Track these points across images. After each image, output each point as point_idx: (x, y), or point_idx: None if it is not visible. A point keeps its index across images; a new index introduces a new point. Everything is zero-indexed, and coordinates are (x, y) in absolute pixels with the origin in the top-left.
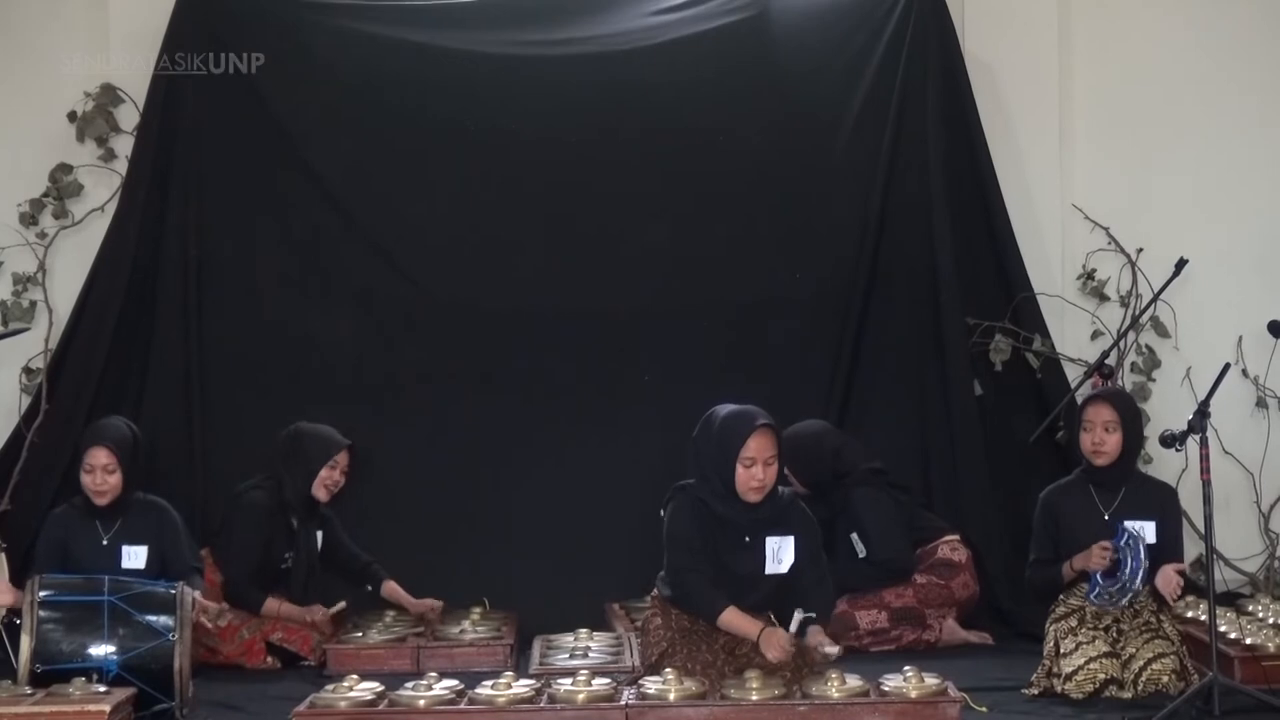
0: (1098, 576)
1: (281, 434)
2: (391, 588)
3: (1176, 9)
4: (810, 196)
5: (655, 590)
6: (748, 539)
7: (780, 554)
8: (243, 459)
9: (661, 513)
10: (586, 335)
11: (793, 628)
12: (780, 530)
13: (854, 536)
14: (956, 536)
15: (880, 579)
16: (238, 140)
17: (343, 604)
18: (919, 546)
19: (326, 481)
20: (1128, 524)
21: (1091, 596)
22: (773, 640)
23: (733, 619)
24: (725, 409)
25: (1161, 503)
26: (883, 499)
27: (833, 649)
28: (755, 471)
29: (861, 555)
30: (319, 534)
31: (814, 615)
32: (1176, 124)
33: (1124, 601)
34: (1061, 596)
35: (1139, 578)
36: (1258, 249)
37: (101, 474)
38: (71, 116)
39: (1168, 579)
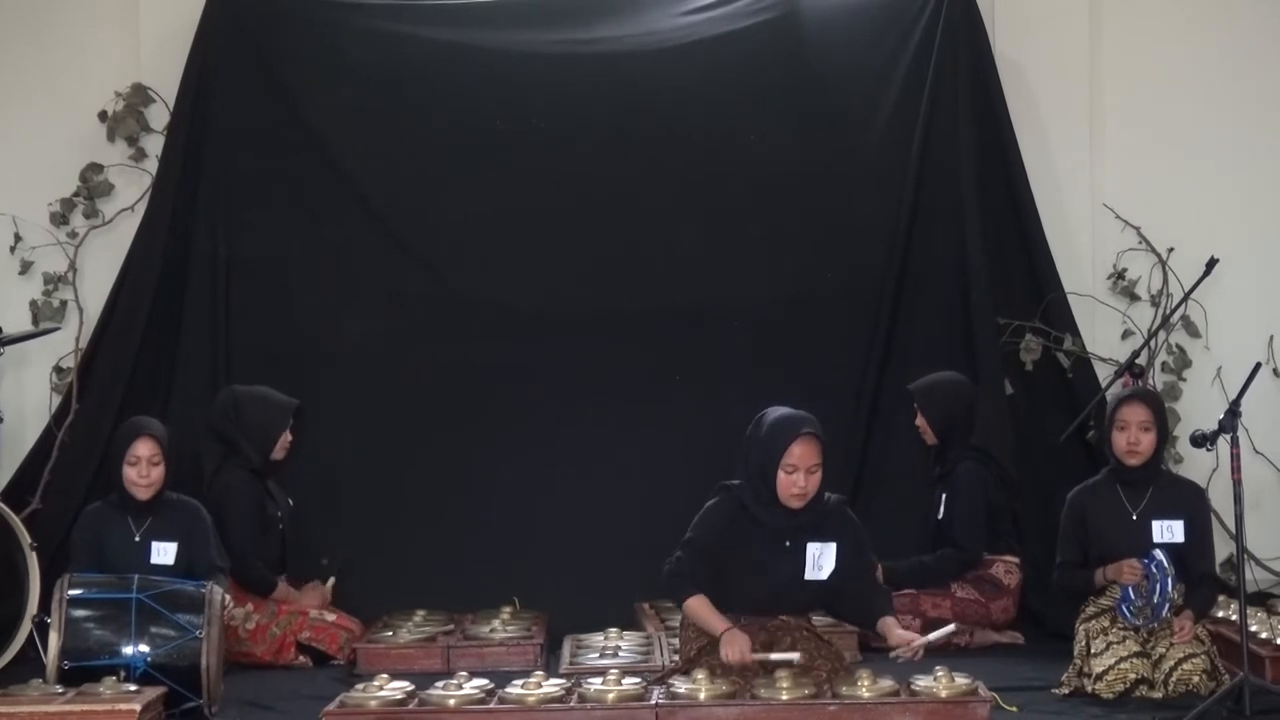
0: (1129, 590)
1: (219, 402)
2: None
3: (1207, 8)
4: (840, 196)
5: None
6: (788, 544)
7: (821, 560)
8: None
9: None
10: (617, 334)
11: (774, 656)
12: (822, 536)
13: (943, 497)
14: (1016, 559)
15: (947, 570)
16: (267, 140)
17: (332, 579)
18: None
19: (284, 443)
20: (1164, 557)
21: (1123, 609)
22: (734, 641)
23: (698, 609)
24: (776, 412)
25: (1190, 501)
26: (985, 488)
27: (915, 646)
28: (797, 479)
29: (939, 517)
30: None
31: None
32: (1207, 123)
33: (1154, 625)
34: (1091, 596)
35: (1166, 608)
36: None
37: (147, 465)
38: (102, 116)
39: (1183, 632)
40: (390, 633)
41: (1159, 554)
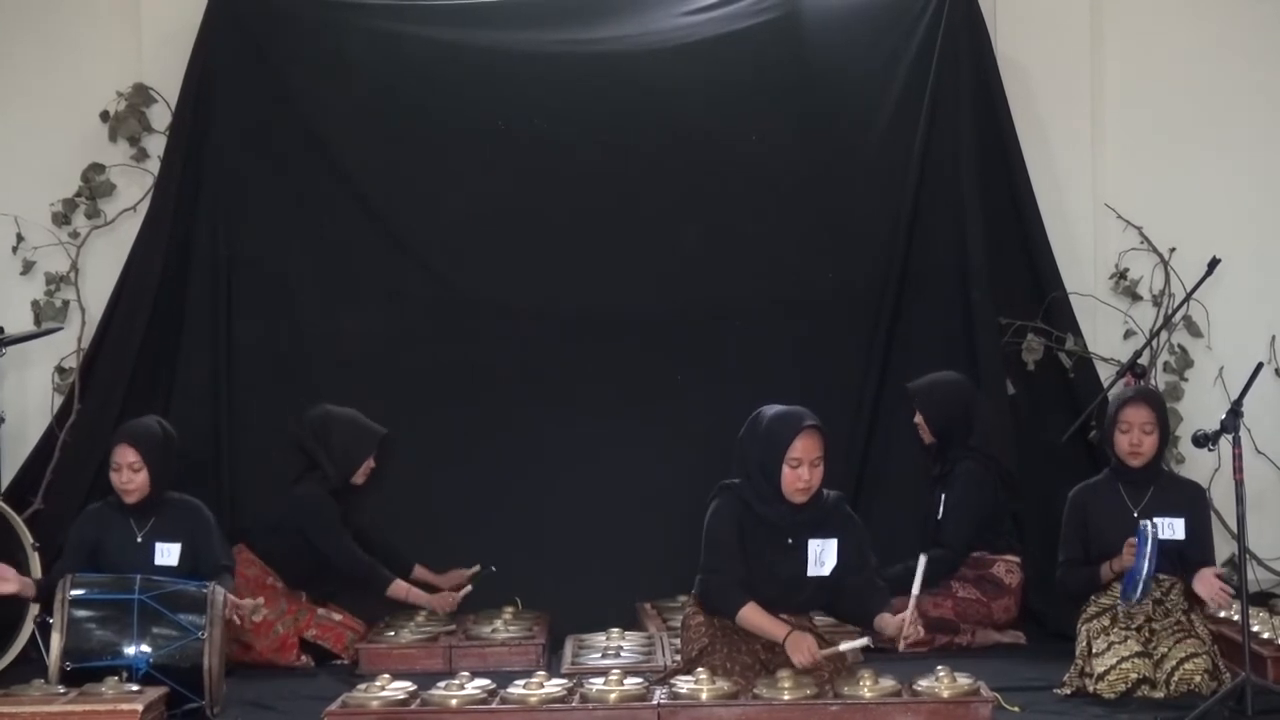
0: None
1: (309, 417)
2: (420, 574)
3: (1208, 8)
4: (842, 197)
5: (695, 588)
6: (790, 541)
7: (823, 556)
8: (271, 458)
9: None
10: (619, 335)
11: (843, 647)
12: (823, 532)
13: (943, 497)
14: (1017, 559)
15: (934, 572)
16: (269, 140)
17: (468, 588)
18: (980, 552)
19: (366, 469)
20: (1151, 521)
21: (1126, 591)
22: (801, 644)
23: (754, 617)
24: (773, 409)
25: (1190, 500)
26: (984, 488)
27: (907, 618)
28: (801, 472)
29: (938, 518)
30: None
31: (865, 647)
32: (1209, 123)
33: (1138, 596)
34: (1093, 596)
35: (1144, 571)
36: None
37: (127, 472)
38: (104, 116)
39: (1209, 585)
40: (392, 633)
41: (1147, 525)
